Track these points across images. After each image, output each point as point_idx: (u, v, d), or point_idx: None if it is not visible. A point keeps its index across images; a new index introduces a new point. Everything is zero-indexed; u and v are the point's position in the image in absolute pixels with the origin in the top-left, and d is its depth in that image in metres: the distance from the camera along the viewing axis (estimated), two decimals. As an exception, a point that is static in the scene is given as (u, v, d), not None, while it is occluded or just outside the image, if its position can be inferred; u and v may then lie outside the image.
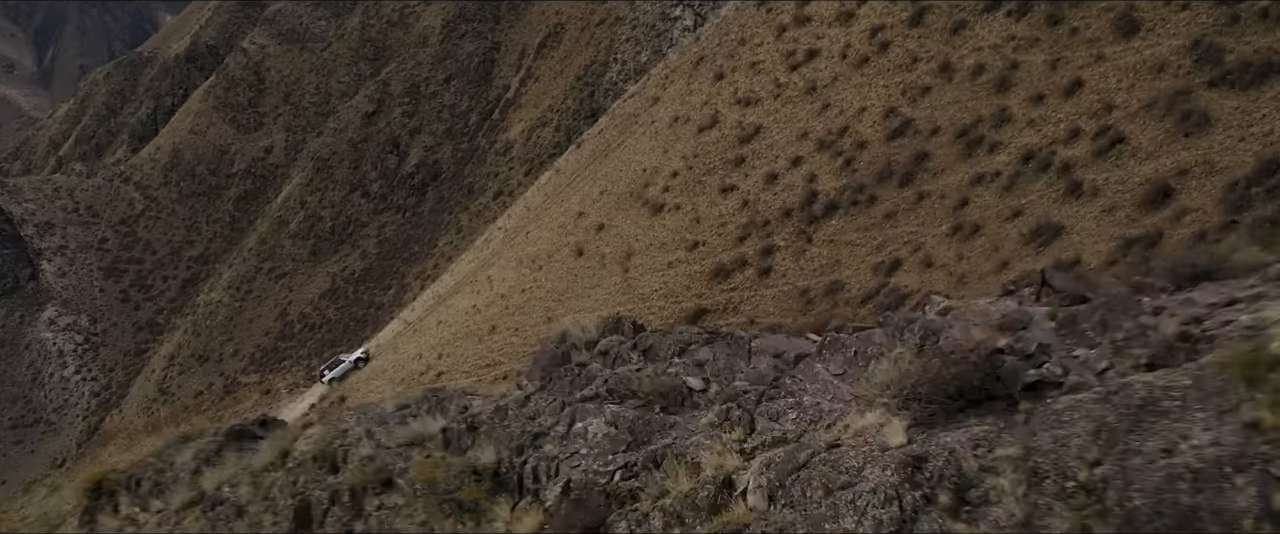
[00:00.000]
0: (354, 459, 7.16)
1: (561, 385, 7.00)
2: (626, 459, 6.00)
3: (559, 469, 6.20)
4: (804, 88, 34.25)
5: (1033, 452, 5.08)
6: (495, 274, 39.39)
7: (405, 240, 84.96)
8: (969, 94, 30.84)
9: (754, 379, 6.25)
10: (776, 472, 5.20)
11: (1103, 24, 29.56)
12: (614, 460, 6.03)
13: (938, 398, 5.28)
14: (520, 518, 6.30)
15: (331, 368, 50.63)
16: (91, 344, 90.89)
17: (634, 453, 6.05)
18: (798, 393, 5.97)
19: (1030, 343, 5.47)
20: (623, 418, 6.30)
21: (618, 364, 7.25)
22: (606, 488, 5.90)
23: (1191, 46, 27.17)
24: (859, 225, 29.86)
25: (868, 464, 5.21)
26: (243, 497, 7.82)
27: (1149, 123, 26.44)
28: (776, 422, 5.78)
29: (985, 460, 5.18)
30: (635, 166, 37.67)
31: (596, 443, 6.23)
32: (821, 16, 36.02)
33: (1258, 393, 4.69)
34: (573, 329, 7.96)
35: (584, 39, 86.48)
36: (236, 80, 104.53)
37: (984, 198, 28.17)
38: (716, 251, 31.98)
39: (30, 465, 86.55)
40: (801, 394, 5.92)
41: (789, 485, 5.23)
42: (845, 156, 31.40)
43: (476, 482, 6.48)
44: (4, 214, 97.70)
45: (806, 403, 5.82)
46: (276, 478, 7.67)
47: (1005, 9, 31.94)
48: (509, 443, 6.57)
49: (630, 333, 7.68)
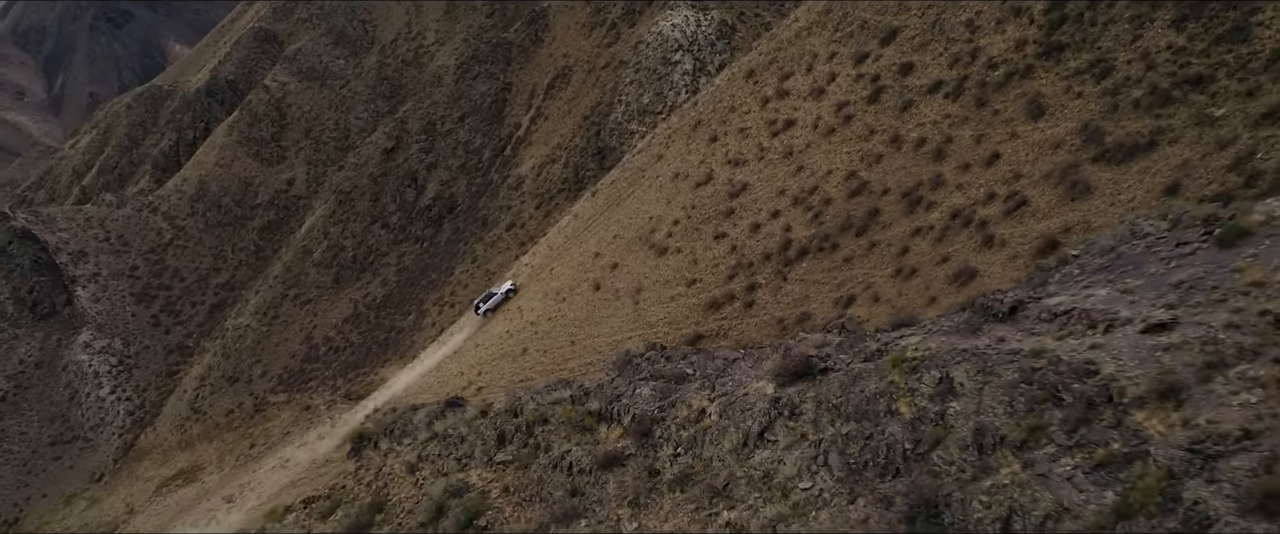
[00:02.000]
0: (526, 410, 15.27)
1: (627, 372, 15.10)
2: (660, 404, 14.18)
3: (629, 410, 14.32)
4: (783, 152, 42.74)
5: (822, 394, 13.42)
6: (524, 305, 47.69)
7: (423, 268, 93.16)
8: (913, 162, 39.23)
9: (714, 370, 14.39)
10: (722, 403, 13.45)
11: (1017, 107, 37.95)
12: (653, 404, 14.18)
13: (786, 375, 13.61)
14: (611, 433, 14.53)
15: (485, 301, 57.03)
16: (125, 365, 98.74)
17: (662, 401, 14.21)
18: (734, 375, 14.11)
19: (826, 353, 13.75)
20: (656, 387, 14.43)
21: (652, 364, 15.39)
22: (650, 416, 14.09)
23: (1081, 129, 35.59)
24: (824, 267, 38.19)
25: (757, 401, 13.56)
26: (462, 432, 15.93)
27: (1046, 189, 34.76)
28: (724, 386, 13.95)
29: (803, 398, 13.54)
30: (643, 215, 46.08)
31: (644, 397, 14.35)
32: (798, 91, 44.58)
33: (897, 373, 13.06)
34: (632, 347, 16.18)
35: (590, 81, 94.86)
36: (259, 116, 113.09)
37: (920, 246, 36.40)
38: (710, 287, 40.31)
39: (69, 480, 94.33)
40: (735, 375, 14.07)
41: (727, 409, 13.52)
42: (814, 211, 39.81)
43: (589, 417, 14.62)
44: (40, 243, 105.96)
45: (736, 378, 13.97)
46: (482, 422, 15.76)
47: (943, 92, 40.42)
48: (604, 400, 14.68)
49: (659, 349, 15.84)
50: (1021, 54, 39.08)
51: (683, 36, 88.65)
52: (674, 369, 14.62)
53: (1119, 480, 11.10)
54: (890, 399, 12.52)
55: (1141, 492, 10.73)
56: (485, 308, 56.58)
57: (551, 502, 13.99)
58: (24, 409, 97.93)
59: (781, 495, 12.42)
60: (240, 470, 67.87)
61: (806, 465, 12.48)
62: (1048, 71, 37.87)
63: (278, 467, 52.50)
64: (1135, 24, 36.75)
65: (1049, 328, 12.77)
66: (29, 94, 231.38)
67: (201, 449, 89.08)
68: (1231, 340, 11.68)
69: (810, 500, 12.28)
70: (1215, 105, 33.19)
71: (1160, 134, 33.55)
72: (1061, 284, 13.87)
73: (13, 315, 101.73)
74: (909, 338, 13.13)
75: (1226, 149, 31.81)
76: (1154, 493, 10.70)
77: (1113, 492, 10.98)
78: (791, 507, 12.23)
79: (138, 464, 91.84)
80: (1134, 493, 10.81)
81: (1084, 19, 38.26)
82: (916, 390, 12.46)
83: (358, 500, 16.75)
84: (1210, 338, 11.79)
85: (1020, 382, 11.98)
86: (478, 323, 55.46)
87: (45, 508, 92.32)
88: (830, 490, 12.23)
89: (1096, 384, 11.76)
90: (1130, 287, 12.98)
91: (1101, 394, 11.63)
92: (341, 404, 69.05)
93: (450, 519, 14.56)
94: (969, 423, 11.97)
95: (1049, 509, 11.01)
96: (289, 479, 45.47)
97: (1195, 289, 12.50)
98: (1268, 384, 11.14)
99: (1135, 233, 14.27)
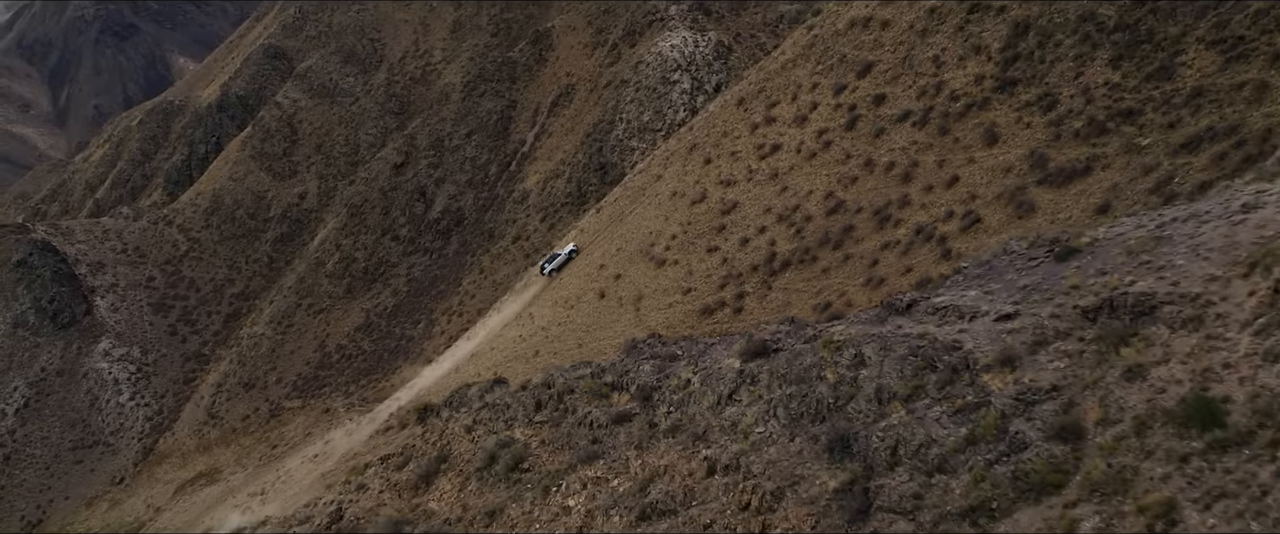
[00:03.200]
0: (557, 383, 20.67)
1: (633, 354, 20.46)
2: (657, 376, 19.57)
3: (634, 381, 19.67)
4: (769, 174, 48.27)
5: (773, 367, 18.90)
6: (536, 312, 53.14)
7: (432, 279, 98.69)
8: (883, 183, 44.72)
9: (697, 351, 19.74)
10: (702, 375, 18.86)
11: (975, 135, 43.40)
12: (653, 377, 19.56)
13: (748, 354, 19.08)
14: (621, 398, 19.96)
15: (551, 261, 60.88)
16: (144, 373, 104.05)
17: (659, 374, 19.61)
18: (712, 355, 19.49)
19: (778, 339, 19.17)
20: (655, 364, 19.80)
21: (652, 348, 20.79)
22: (650, 385, 19.49)
23: (1029, 155, 41.08)
24: (804, 277, 43.63)
25: (728, 373, 19.06)
26: (507, 401, 21.31)
27: (997, 208, 40.19)
28: (704, 363, 19.34)
29: (761, 370, 19.04)
30: (644, 230, 51.58)
31: (646, 372, 19.73)
32: (783, 118, 50.15)
33: (826, 350, 18.53)
34: (636, 335, 21.58)
35: (592, 99, 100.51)
36: (271, 131, 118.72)
37: (888, 258, 41.77)
38: (704, 296, 45.77)
39: (90, 483, 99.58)
40: (712, 355, 19.45)
41: (706, 379, 18.97)
42: (796, 227, 45.30)
43: (605, 387, 20.03)
44: (60, 254, 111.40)
45: (713, 357, 19.36)
46: (523, 394, 21.15)
47: (911, 121, 45.92)
48: (616, 374, 20.05)
49: (657, 338, 21.24)
50: (980, 87, 44.53)
51: (681, 57, 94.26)
52: (668, 351, 20.08)
53: (970, 420, 16.55)
54: (820, 369, 17.99)
55: (984, 427, 16.18)
56: (550, 268, 60.07)
57: (577, 449, 19.43)
58: (46, 415, 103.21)
59: (743, 437, 17.87)
60: (264, 470, 73.12)
61: (761, 416, 17.94)
62: (1002, 104, 43.35)
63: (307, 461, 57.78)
64: (1078, 62, 42.25)
65: (932, 318, 18.23)
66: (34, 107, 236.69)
67: (219, 452, 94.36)
68: (1052, 326, 17.20)
69: (763, 440, 17.75)
70: (1142, 135, 38.64)
71: (1095, 160, 39.00)
72: (948, 288, 19.30)
73: (34, 324, 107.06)
74: (836, 327, 18.58)
75: (1150, 174, 37.25)
76: (991, 428, 16.16)
77: (965, 428, 16.43)
78: (750, 445, 17.68)
79: (157, 467, 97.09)
80: (979, 428, 16.27)
81: (1034, 56, 43.79)
82: (839, 362, 17.91)
83: (426, 455, 22.17)
84: (1039, 324, 17.29)
85: (909, 355, 17.45)
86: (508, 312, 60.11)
87: (68, 509, 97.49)
88: (777, 433, 17.68)
89: (960, 356, 17.25)
90: (992, 289, 18.43)
91: (962, 363, 17.12)
92: (360, 406, 74.37)
93: (501, 464, 20.00)
94: (873, 383, 17.45)
95: (922, 440, 16.47)
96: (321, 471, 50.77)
97: (1034, 291, 17.97)
98: (1073, 355, 16.67)
99: (1006, 251, 19.72)
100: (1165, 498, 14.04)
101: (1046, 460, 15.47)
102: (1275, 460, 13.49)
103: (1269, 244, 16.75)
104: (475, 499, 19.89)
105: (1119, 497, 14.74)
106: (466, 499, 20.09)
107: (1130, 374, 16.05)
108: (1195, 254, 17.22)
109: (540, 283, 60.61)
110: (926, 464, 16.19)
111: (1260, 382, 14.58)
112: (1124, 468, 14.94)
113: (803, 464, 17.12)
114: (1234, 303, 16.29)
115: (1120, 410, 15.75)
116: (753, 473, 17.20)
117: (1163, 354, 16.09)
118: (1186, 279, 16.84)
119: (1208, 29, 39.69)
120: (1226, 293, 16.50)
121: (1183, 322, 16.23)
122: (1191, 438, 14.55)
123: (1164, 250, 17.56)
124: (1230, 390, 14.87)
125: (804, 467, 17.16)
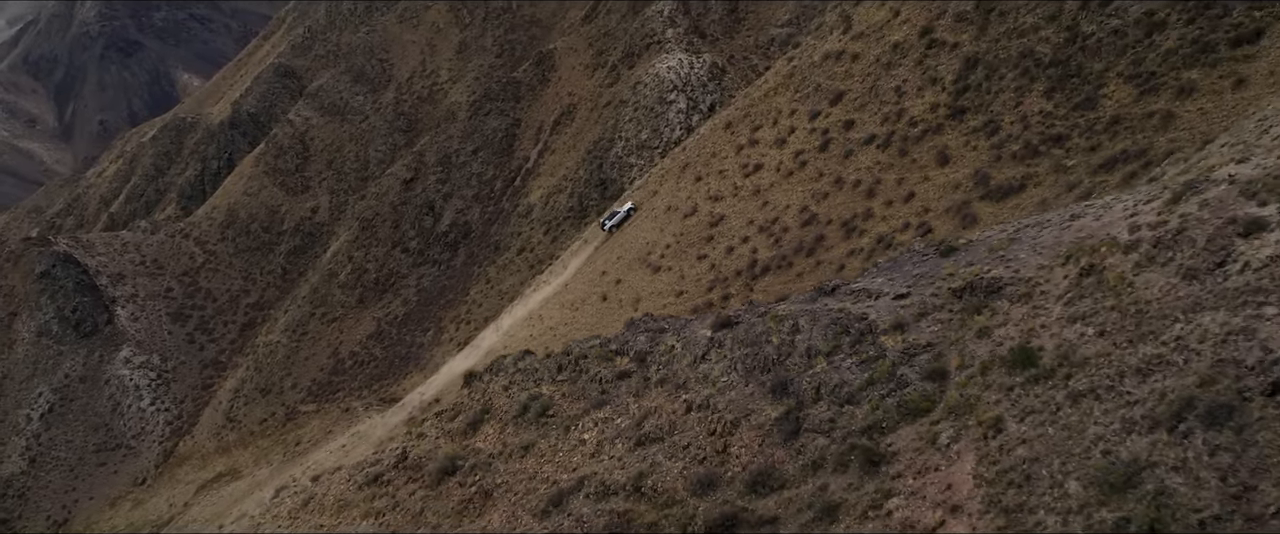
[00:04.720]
0: (574, 352, 27.70)
1: (633, 329, 27.51)
2: (650, 344, 26.67)
3: (633, 348, 26.76)
4: (752, 190, 55.60)
5: (735, 335, 26.17)
6: (545, 313, 60.35)
7: (440, 289, 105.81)
8: (851, 198, 51.99)
9: (679, 326, 26.86)
10: (683, 341, 26.05)
11: (929, 157, 50.65)
12: (647, 345, 26.65)
13: (717, 326, 26.32)
14: (623, 361, 27.16)
15: (611, 218, 66.97)
16: (163, 379, 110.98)
17: (652, 343, 26.73)
18: (691, 328, 26.65)
19: (739, 316, 26.35)
20: (648, 336, 26.88)
21: (646, 325, 27.93)
22: (645, 350, 26.62)
23: (974, 174, 48.37)
24: (781, 281, 50.83)
25: (701, 340, 26.36)
26: (535, 367, 28.43)
27: (946, 220, 47.40)
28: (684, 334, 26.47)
29: (726, 337, 26.32)
30: (641, 240, 58.85)
31: (642, 341, 26.81)
32: (765, 140, 57.53)
33: (772, 322, 25.82)
34: (636, 317, 28.81)
35: (593, 118, 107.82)
36: (284, 148, 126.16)
37: (854, 264, 48.88)
38: (694, 298, 52.98)
39: (113, 484, 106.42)
40: (691, 328, 26.60)
41: (686, 345, 26.19)
42: (775, 237, 52.58)
43: (610, 353, 27.16)
44: (81, 266, 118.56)
45: (692, 329, 26.50)
46: (548, 360, 28.24)
47: (876, 143, 53.26)
48: (619, 344, 27.16)
49: (651, 317, 28.37)
50: (935, 114, 51.79)
51: (677, 78, 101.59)
52: (658, 326, 27.27)
53: (871, 368, 23.68)
54: (768, 335, 25.18)
55: (880, 372, 23.33)
56: (610, 225, 66.37)
57: (590, 398, 26.61)
58: (70, 420, 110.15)
59: (712, 385, 25.04)
60: (288, 465, 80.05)
61: (725, 369, 25.12)
62: (953, 129, 50.62)
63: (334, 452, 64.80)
64: (1018, 93, 49.63)
65: (850, 298, 25.46)
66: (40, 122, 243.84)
67: (237, 454, 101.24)
68: (931, 302, 24.42)
69: (726, 386, 24.91)
70: (1069, 157, 45.96)
71: (1029, 179, 46.31)
72: (866, 277, 26.52)
73: (58, 333, 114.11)
74: (781, 305, 25.81)
75: (1073, 190, 44.49)
76: (885, 372, 23.28)
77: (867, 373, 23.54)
78: (717, 390, 24.83)
79: (178, 469, 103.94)
80: (876, 373, 23.39)
81: (982, 87, 51.17)
82: (781, 330, 25.11)
83: (472, 409, 29.35)
84: (923, 301, 24.53)
85: (831, 324, 24.66)
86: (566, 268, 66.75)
87: (92, 509, 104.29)
88: (736, 381, 24.85)
89: (867, 324, 24.46)
90: (894, 277, 25.67)
91: (868, 329, 24.33)
92: (377, 406, 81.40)
93: (532, 412, 27.18)
94: (805, 344, 24.64)
95: (837, 382, 23.60)
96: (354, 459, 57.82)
97: (922, 278, 25.22)
98: (944, 322, 23.90)
99: (911, 251, 26.96)
100: (996, 415, 21.15)
101: (921, 394, 22.55)
102: (1067, 387, 20.65)
103: (1082, 242, 24.03)
104: (513, 438, 27.06)
105: (967, 415, 21.84)
106: (506, 439, 27.25)
107: (980, 333, 23.24)
108: (1033, 250, 24.47)
109: (599, 238, 67.27)
110: (839, 399, 23.34)
111: (1063, 337, 21.80)
112: (971, 397, 22.07)
113: (753, 401, 24.29)
114: (1053, 283, 23.57)
115: (972, 358, 22.93)
116: (718, 409, 24.36)
117: (1003, 319, 23.29)
118: (1025, 268, 24.10)
119: (1126, 65, 47.03)
120: (1049, 277, 23.77)
121: (1018, 297, 23.47)
122: (1016, 375, 21.65)
123: (1014, 248, 24.81)
124: (1044, 343, 22.11)
125: (754, 403, 24.33)
